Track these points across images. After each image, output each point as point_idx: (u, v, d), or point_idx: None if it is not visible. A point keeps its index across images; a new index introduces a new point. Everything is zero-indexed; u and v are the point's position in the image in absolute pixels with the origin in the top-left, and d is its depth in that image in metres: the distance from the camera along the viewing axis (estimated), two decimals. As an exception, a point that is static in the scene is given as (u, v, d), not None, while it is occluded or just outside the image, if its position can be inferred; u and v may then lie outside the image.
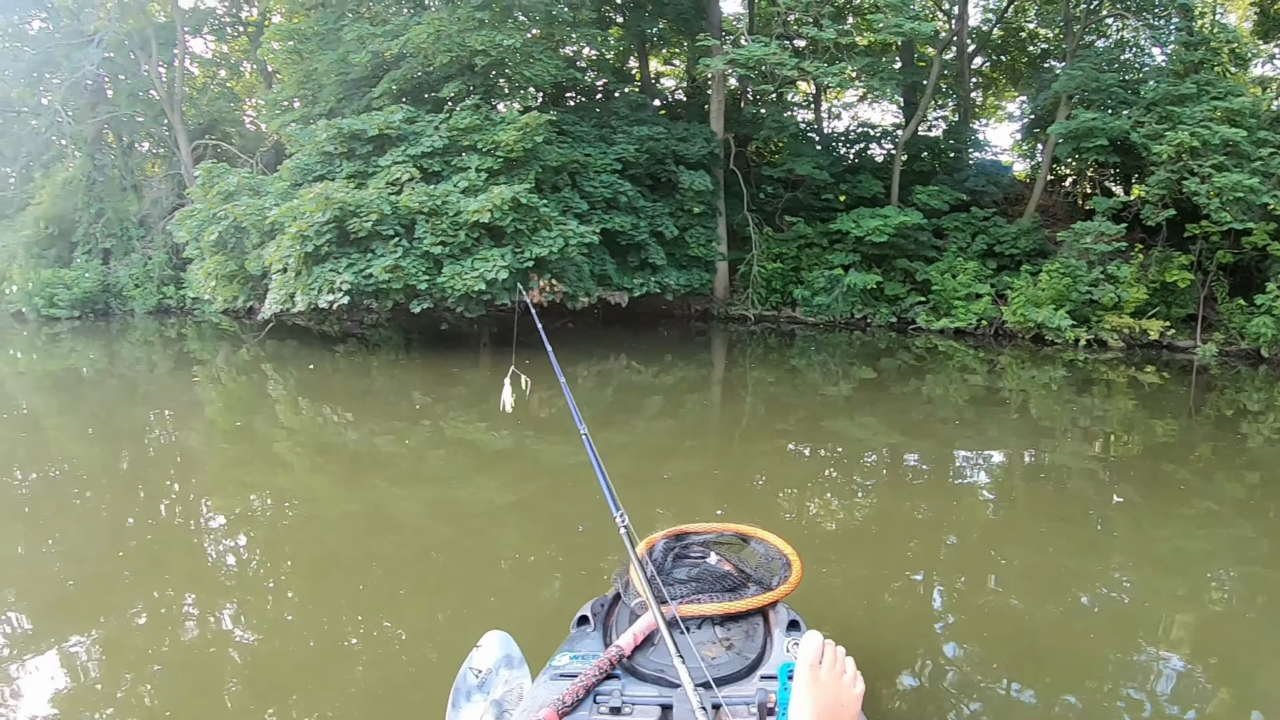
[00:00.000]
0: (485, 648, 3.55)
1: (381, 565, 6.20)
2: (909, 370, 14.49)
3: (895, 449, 9.44)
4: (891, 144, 23.08)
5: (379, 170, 14.70)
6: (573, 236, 14.39)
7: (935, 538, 6.56)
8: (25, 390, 15.53)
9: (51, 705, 4.38)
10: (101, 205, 27.39)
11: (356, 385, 14.12)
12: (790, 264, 19.84)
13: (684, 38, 22.95)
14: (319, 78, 17.93)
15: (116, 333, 23.34)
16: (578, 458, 8.70)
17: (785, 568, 3.38)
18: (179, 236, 17.90)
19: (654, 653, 2.82)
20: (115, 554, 6.59)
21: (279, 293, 14.06)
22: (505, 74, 17.14)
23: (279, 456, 9.77)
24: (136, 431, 11.65)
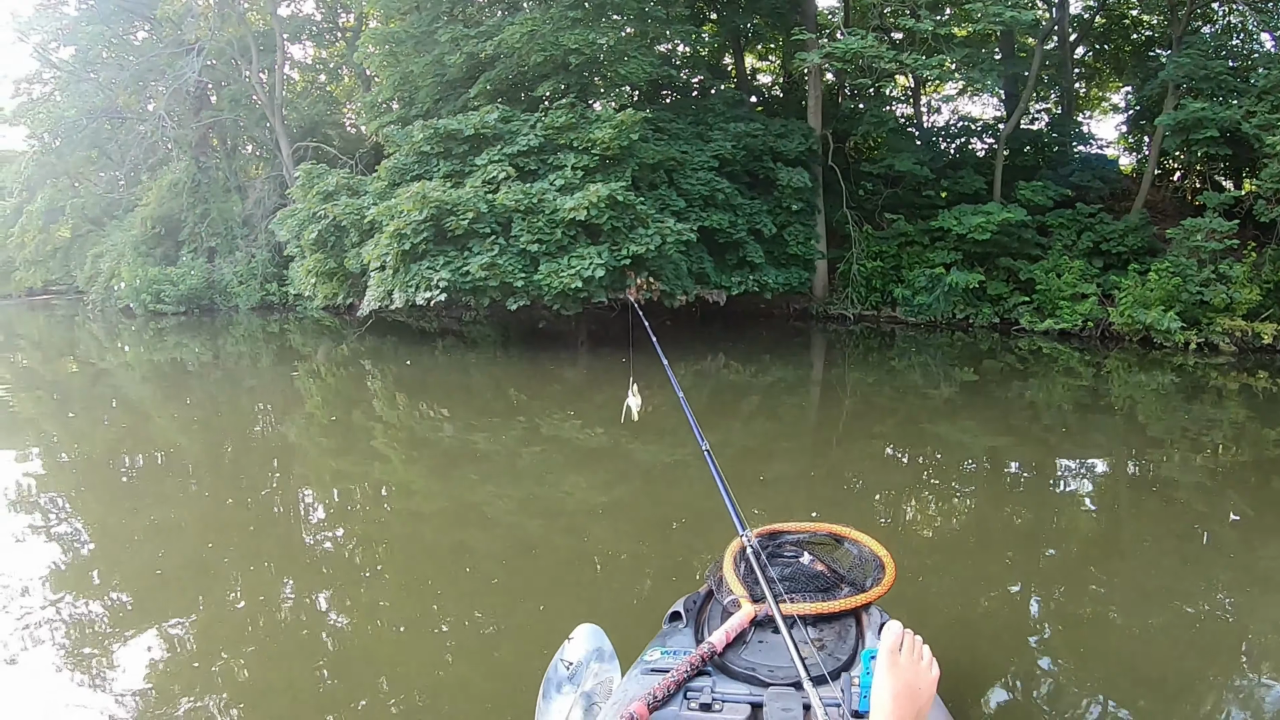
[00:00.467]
0: (577, 640, 3.56)
1: (474, 558, 6.23)
2: (1011, 373, 13.94)
3: (995, 454, 9.10)
4: (993, 138, 22.21)
5: (475, 169, 14.66)
6: (670, 234, 14.10)
7: (1034, 547, 6.32)
8: (133, 381, 16.04)
9: (148, 680, 4.46)
10: (206, 206, 28.29)
11: (453, 381, 14.20)
12: (890, 262, 19.21)
13: (779, 33, 22.54)
14: (415, 80, 18.04)
15: (220, 327, 24.10)
16: (673, 457, 8.76)
17: (879, 570, 3.32)
18: (280, 235, 18.29)
19: (746, 651, 2.82)
20: (215, 538, 6.74)
21: (377, 290, 14.15)
22: (600, 72, 16.99)
23: (375, 450, 9.86)
24: (239, 422, 11.98)
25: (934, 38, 16.47)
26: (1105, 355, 14.94)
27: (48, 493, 8.48)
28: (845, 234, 19.62)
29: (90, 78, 29.11)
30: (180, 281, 26.78)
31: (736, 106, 20.13)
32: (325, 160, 22.08)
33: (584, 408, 11.58)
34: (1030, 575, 5.79)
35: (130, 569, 6.16)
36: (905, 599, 4.79)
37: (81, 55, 29.41)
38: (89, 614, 5.38)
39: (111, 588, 5.82)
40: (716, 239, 16.60)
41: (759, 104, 23.40)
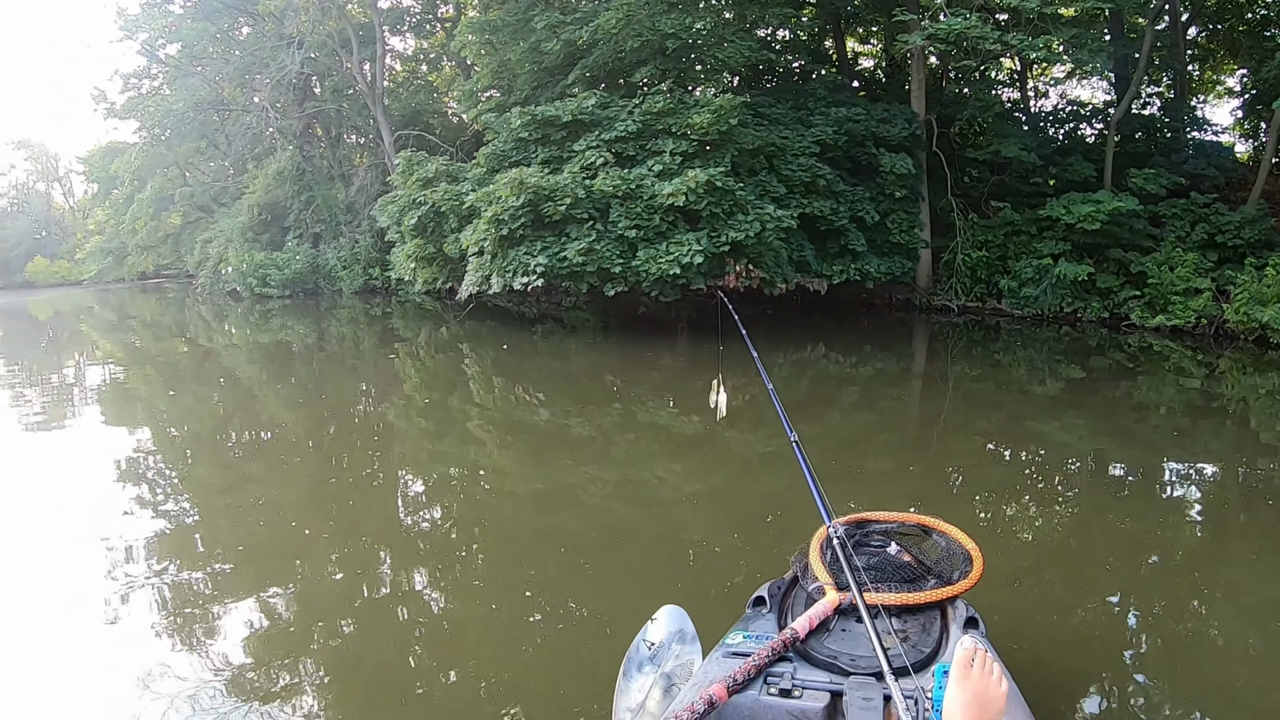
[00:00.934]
0: (659, 621, 3.58)
1: (564, 540, 6.27)
2: (1120, 371, 13.22)
3: (1101, 456, 8.66)
4: (1103, 123, 21.24)
5: (573, 155, 14.63)
6: (770, 221, 13.82)
7: (1136, 555, 6.00)
8: (239, 362, 16.57)
9: (245, 648, 4.62)
10: (311, 193, 29.13)
11: (551, 366, 14.26)
12: (996, 252, 18.49)
13: (880, 14, 21.92)
14: (512, 67, 18.13)
15: (324, 311, 24.84)
16: (768, 448, 8.59)
17: (966, 563, 3.27)
18: (381, 221, 18.62)
19: (828, 638, 2.83)
20: (314, 513, 6.95)
21: (475, 275, 14.27)
22: (698, 57, 16.77)
23: (471, 433, 9.98)
24: (340, 402, 12.31)
25: (1040, 17, 15.77)
26: (1219, 354, 14.03)
27: (156, 465, 8.88)
28: (950, 222, 18.98)
29: (197, 72, 30.24)
30: (285, 266, 27.64)
31: (838, 91, 19.66)
32: (426, 148, 22.39)
33: (681, 395, 11.44)
34: (1130, 584, 5.52)
35: (232, 540, 6.39)
36: (1000, 601, 4.79)
37: (187, 51, 30.53)
38: (190, 581, 5.58)
39: (214, 557, 6.02)
40: (818, 226, 16.23)
41: (861, 88, 22.85)
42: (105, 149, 46.28)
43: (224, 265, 30.19)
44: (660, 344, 15.41)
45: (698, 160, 14.21)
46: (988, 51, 16.31)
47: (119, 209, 41.86)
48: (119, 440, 10.07)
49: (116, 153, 43.07)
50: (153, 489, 7.92)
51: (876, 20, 23.04)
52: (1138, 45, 19.01)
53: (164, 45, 31.82)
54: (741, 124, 15.14)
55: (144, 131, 35.09)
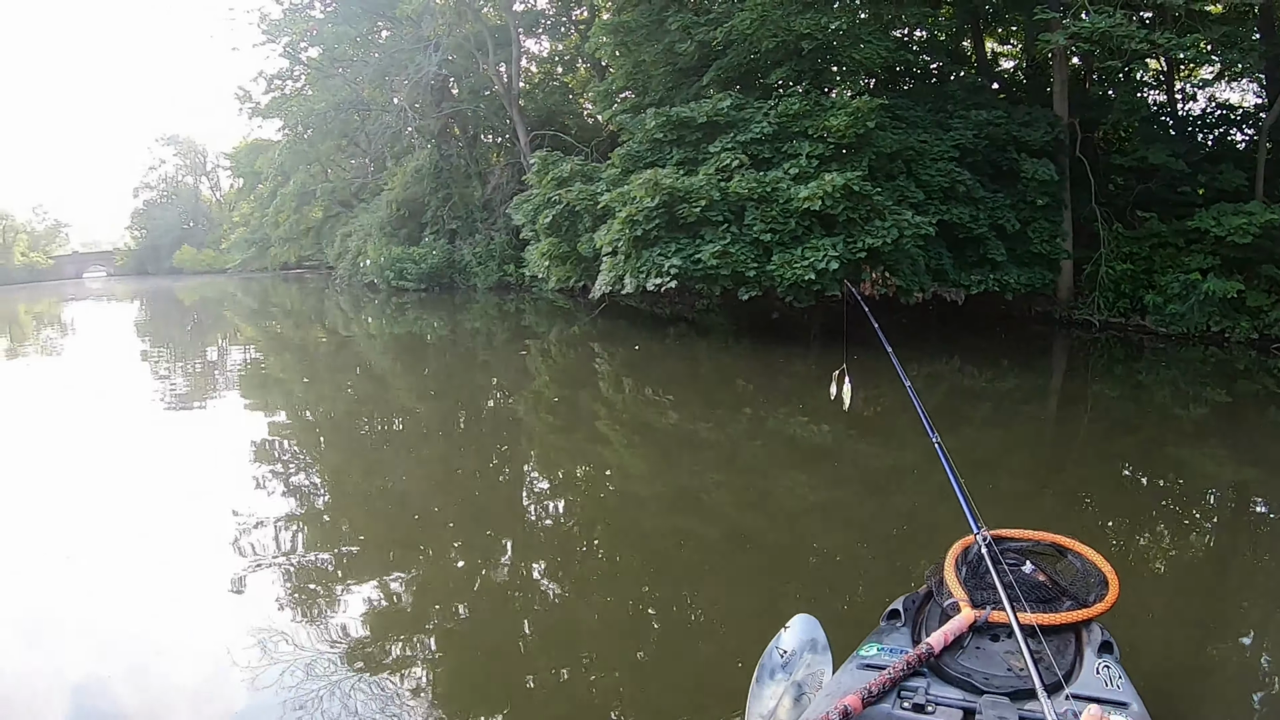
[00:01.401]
0: (793, 629, 3.63)
1: (688, 543, 6.31)
2: (1269, 398, 12.39)
3: (1244, 488, 8.28)
4: (1254, 129, 20.07)
5: (708, 157, 14.70)
6: (907, 227, 13.59)
7: (1275, 596, 5.70)
8: (374, 351, 17.28)
9: (364, 624, 4.81)
10: (448, 191, 30.12)
11: (682, 368, 14.37)
12: (1141, 265, 17.64)
13: (1020, 13, 21.23)
14: (647, 68, 18.32)
15: (459, 305, 25.69)
16: (895, 460, 8.53)
17: (1102, 585, 3.25)
18: (516, 219, 19.08)
19: (962, 655, 2.82)
20: (441, 501, 7.19)
21: (609, 274, 14.50)
22: (834, 58, 16.61)
23: (598, 431, 10.20)
24: (470, 394, 12.86)
25: (1187, 14, 15.05)
26: None
27: (290, 448, 9.46)
28: (1093, 232, 18.21)
29: (337, 73, 31.54)
30: (422, 260, 28.63)
31: (977, 93, 19.12)
32: (561, 148, 22.83)
33: (811, 403, 11.33)
34: (1266, 626, 5.27)
35: (361, 522, 6.66)
36: (1128, 635, 4.56)
37: (328, 53, 31.87)
38: (316, 560, 5.89)
39: (343, 538, 6.32)
40: (956, 234, 15.84)
41: (1000, 90, 22.13)
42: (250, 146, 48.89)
43: (362, 258, 31.46)
44: (792, 350, 15.31)
45: (834, 163, 14.09)
46: (1133, 51, 15.59)
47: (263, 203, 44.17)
48: (256, 422, 10.81)
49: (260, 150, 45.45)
50: (286, 470, 8.44)
51: (1016, 19, 22.28)
52: (1289, 46, 17.94)
53: (305, 48, 33.35)
54: (879, 127, 14.93)
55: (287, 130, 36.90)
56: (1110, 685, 2.73)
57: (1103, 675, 2.77)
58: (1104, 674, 2.78)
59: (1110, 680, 2.76)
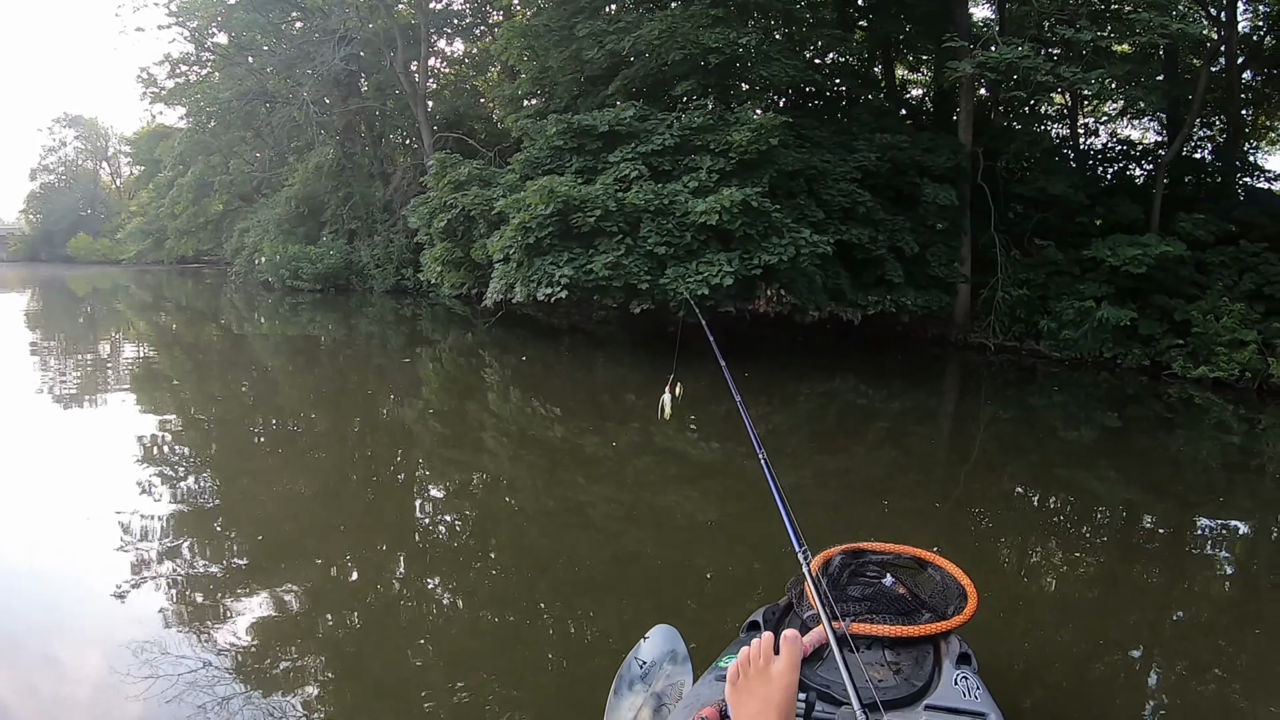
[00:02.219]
0: (652, 640, 3.61)
1: (567, 556, 6.31)
2: (1158, 422, 12.84)
3: (1132, 508, 8.49)
4: (1152, 165, 20.66)
5: (608, 167, 14.35)
6: (805, 245, 13.40)
7: (1160, 613, 5.93)
8: (266, 351, 16.57)
9: (245, 635, 4.69)
10: (350, 189, 29.20)
11: (574, 380, 13.99)
12: (1037, 292, 17.93)
13: (930, 42, 21.53)
14: (554, 75, 17.94)
15: (354, 307, 24.98)
16: (786, 478, 8.02)
17: (960, 598, 3.29)
18: (412, 222, 18.47)
19: (821, 667, 2.83)
20: (325, 512, 7.04)
21: (500, 282, 14.03)
22: (741, 74, 16.45)
23: (485, 443, 9.92)
24: (361, 401, 12.36)
25: (1094, 51, 15.34)
26: (1262, 411, 13.52)
27: (177, 449, 9.04)
28: (991, 258, 18.44)
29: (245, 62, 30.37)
30: (319, 260, 27.67)
31: (884, 117, 19.21)
32: (465, 151, 22.26)
33: (703, 419, 11.12)
34: (1154, 641, 5.44)
35: (242, 530, 6.49)
36: (1019, 651, 4.88)
37: (236, 40, 30.69)
38: (202, 566, 5.70)
39: (224, 546, 6.14)
40: (855, 255, 15.78)
41: (907, 116, 22.40)
42: (152, 132, 46.88)
43: (258, 255, 30.30)
44: (688, 365, 14.95)
45: (735, 179, 13.84)
46: (1039, 84, 15.87)
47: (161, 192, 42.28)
48: (142, 422, 10.23)
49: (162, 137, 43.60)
50: (172, 471, 8.08)
51: (927, 48, 22.64)
52: (1191, 87, 18.49)
53: (214, 33, 32.11)
54: (782, 144, 14.79)
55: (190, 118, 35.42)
56: (968, 696, 2.76)
57: (960, 686, 2.80)
58: (962, 685, 2.80)
59: (968, 691, 2.78)
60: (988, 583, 5.92)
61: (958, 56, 16.73)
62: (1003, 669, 4.50)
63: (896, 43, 22.58)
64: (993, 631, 4.94)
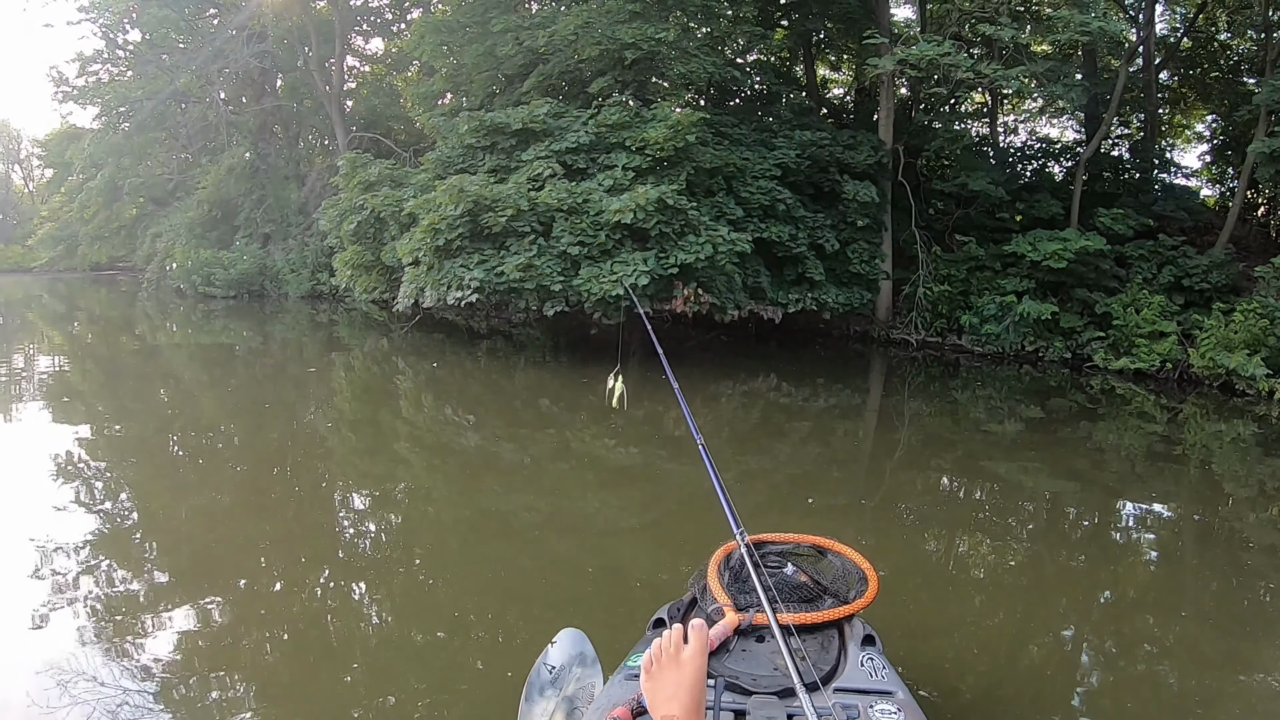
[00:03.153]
0: (560, 644, 3.61)
1: (479, 563, 6.23)
2: (1080, 412, 12.97)
3: (1057, 498, 8.57)
4: (1072, 161, 20.99)
5: (522, 165, 13.95)
6: (722, 244, 13.18)
7: (1088, 596, 6.05)
8: (180, 361, 16.27)
9: (174, 653, 4.58)
10: (264, 192, 28.27)
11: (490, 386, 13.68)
12: (959, 287, 18.02)
13: (851, 40, 21.52)
14: (469, 71, 17.46)
15: (269, 314, 24.25)
16: (693, 476, 7.98)
17: (861, 582, 3.35)
18: (321, 225, 17.86)
19: (729, 658, 2.86)
20: (241, 525, 6.82)
21: (409, 285, 13.54)
22: (659, 70, 16.18)
23: (399, 453, 9.67)
24: (275, 412, 11.94)
25: (1015, 49, 15.40)
26: (1182, 400, 13.81)
27: (88, 465, 8.61)
28: (912, 254, 18.51)
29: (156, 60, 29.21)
30: (231, 265, 26.71)
31: (804, 115, 19.14)
32: (382, 152, 21.64)
33: (621, 423, 10.85)
34: (1082, 625, 5.52)
35: (166, 545, 6.34)
36: (955, 640, 4.95)
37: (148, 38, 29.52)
38: (121, 585, 5.52)
39: (149, 562, 5.98)
40: (775, 252, 15.64)
41: (829, 115, 22.37)
42: (64, 133, 44.98)
43: (170, 261, 29.19)
44: (608, 368, 14.64)
45: (651, 177, 13.59)
46: (960, 80, 15.88)
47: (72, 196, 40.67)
48: (50, 437, 9.74)
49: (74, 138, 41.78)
50: (86, 488, 7.80)
51: (848, 46, 22.63)
52: (1109, 86, 18.73)
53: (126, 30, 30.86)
54: (701, 141, 14.56)
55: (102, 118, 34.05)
56: (875, 676, 2.80)
57: (866, 667, 2.85)
58: (867, 665, 2.86)
59: (874, 671, 2.83)
60: (914, 574, 6.09)
61: (879, 53, 16.67)
62: (937, 658, 4.65)
63: (818, 41, 22.53)
64: (919, 621, 5.11)
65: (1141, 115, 22.07)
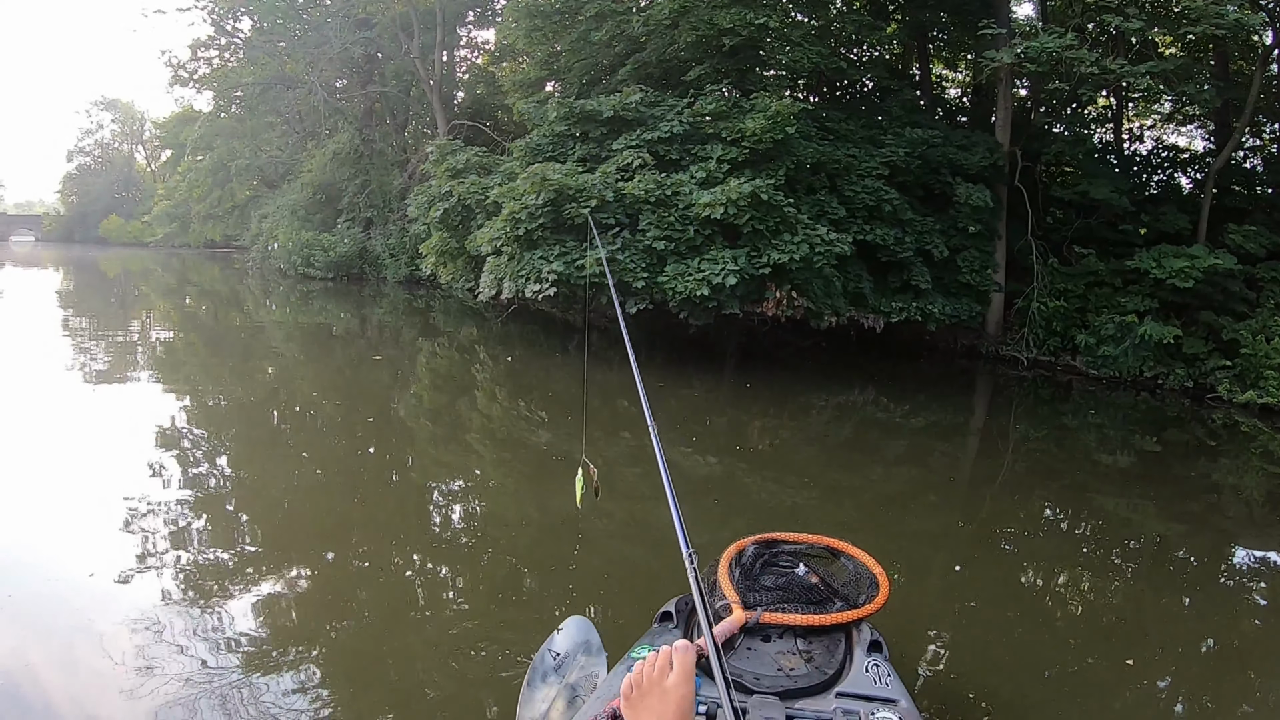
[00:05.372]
0: (566, 632, 3.62)
1: (491, 547, 6.26)
2: (1199, 449, 11.87)
3: (1165, 540, 7.97)
4: (1201, 173, 19.36)
5: (612, 155, 13.37)
6: (820, 244, 12.34)
7: (1190, 643, 5.62)
8: (278, 339, 16.73)
9: (247, 626, 4.66)
10: (367, 177, 28.54)
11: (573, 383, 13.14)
12: (1075, 303, 16.70)
13: (969, 37, 20.33)
14: (565, 60, 16.99)
15: (367, 297, 24.81)
16: (791, 497, 7.98)
17: (873, 587, 3.34)
18: (410, 212, 17.66)
19: (733, 656, 2.90)
20: (326, 505, 6.97)
21: (490, 276, 13.11)
22: (760, 59, 15.41)
23: (470, 445, 9.63)
24: (356, 396, 11.87)
25: (1142, 46, 14.16)
26: None
27: (182, 436, 9.00)
28: (1027, 266, 17.24)
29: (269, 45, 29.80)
30: (331, 248, 27.09)
31: (916, 113, 18.00)
32: (481, 140, 21.40)
33: (691, 431, 10.30)
34: (1182, 673, 5.17)
35: (243, 520, 6.49)
36: (1042, 678, 4.73)
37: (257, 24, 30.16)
38: (205, 554, 5.71)
39: (226, 535, 6.11)
40: (879, 257, 14.70)
41: (943, 115, 21.18)
42: (181, 116, 46.71)
43: (273, 241, 29.77)
44: (702, 372, 14.29)
45: (747, 170, 12.85)
46: (1083, 76, 14.67)
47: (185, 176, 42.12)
48: (158, 403, 10.34)
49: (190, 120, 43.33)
50: (182, 457, 8.13)
51: (965, 43, 21.41)
52: (1242, 92, 17.20)
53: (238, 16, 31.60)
54: (803, 135, 13.79)
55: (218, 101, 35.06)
56: (879, 683, 2.78)
57: (871, 673, 2.83)
58: (873, 672, 2.84)
59: (879, 678, 2.81)
60: (1005, 605, 5.81)
61: (996, 47, 15.57)
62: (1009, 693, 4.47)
63: (933, 37, 21.38)
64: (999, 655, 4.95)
65: (1277, 125, 20.32)
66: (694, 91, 14.40)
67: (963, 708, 4.24)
